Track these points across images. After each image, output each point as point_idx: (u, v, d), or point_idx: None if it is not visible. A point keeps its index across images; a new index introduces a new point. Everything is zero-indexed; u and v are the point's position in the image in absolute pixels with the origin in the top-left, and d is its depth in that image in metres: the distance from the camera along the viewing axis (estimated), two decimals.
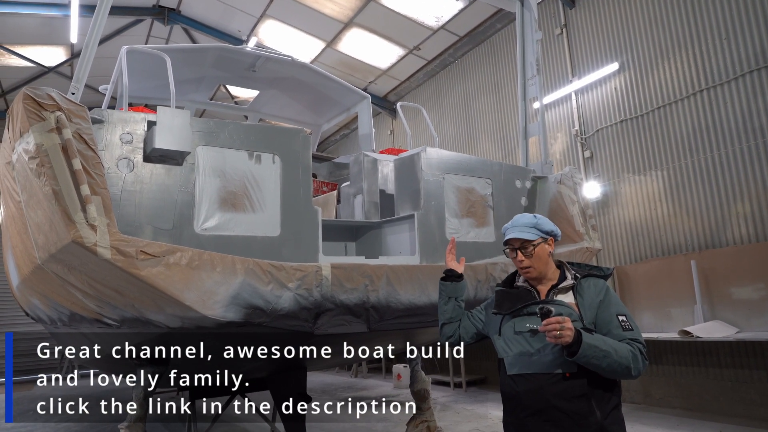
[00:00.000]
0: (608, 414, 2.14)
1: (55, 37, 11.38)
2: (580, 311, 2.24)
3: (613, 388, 2.17)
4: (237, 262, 3.04)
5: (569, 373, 2.14)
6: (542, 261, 2.38)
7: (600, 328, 2.19)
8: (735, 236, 6.41)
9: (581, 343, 2.00)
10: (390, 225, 4.54)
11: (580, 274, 2.37)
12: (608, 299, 2.25)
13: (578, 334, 2.01)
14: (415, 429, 5.23)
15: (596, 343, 2.03)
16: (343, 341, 3.84)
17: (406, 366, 9.80)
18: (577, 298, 2.28)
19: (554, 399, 2.14)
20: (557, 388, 2.15)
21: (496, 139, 10.29)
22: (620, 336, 2.14)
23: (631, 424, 6.19)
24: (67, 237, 2.56)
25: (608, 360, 2.03)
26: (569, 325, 2.00)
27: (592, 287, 2.30)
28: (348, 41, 11.58)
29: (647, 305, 7.17)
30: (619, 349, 2.06)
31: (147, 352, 4.01)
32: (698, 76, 6.89)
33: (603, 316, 2.21)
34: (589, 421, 2.10)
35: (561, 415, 2.13)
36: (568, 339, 1.99)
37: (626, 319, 2.19)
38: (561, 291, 2.34)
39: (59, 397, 8.19)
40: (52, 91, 2.83)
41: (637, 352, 2.10)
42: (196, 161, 3.32)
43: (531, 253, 2.37)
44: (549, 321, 2.02)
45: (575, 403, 2.12)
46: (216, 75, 5.88)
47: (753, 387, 6.07)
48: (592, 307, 2.24)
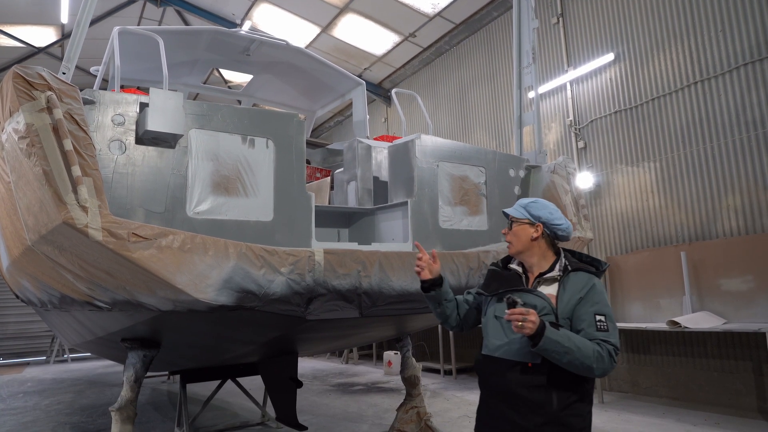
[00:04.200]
0: (568, 406, 2.18)
1: (46, 16, 11.20)
2: (557, 304, 2.26)
3: (577, 383, 2.20)
4: (230, 246, 3.02)
5: (532, 363, 2.20)
6: (521, 241, 2.43)
7: (575, 324, 2.22)
8: (725, 229, 6.47)
9: (543, 336, 2.04)
10: (383, 212, 4.54)
11: (572, 266, 2.37)
12: (590, 296, 2.25)
13: (542, 328, 2.04)
14: (405, 415, 5.27)
15: (559, 339, 2.06)
16: (335, 326, 3.85)
17: (397, 353, 9.87)
18: (560, 290, 2.30)
19: (515, 386, 2.22)
20: (519, 377, 2.22)
21: (491, 128, 10.28)
22: (592, 335, 2.16)
23: (619, 412, 6.27)
24: (57, 218, 2.53)
25: (569, 357, 2.06)
26: (532, 317, 2.03)
27: (576, 282, 2.30)
28: (343, 27, 11.48)
29: (637, 295, 7.25)
30: (583, 348, 2.08)
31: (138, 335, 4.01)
32: (693, 67, 6.91)
33: (579, 313, 2.23)
34: (545, 410, 2.16)
35: (519, 401, 2.21)
36: (529, 331, 2.03)
37: (604, 320, 2.19)
38: (546, 281, 2.37)
39: (50, 380, 8.19)
40: (43, 71, 2.78)
41: (605, 354, 2.11)
42: (188, 144, 3.29)
43: (512, 229, 2.47)
44: (513, 311, 2.06)
45: (534, 393, 2.18)
46: (209, 58, 5.82)
47: (739, 377, 6.16)
48: (571, 302, 2.25)
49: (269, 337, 3.89)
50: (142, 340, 4.03)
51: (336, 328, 3.97)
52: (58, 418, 7.08)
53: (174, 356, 4.65)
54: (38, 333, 14.73)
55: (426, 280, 2.57)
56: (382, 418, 6.36)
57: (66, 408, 7.80)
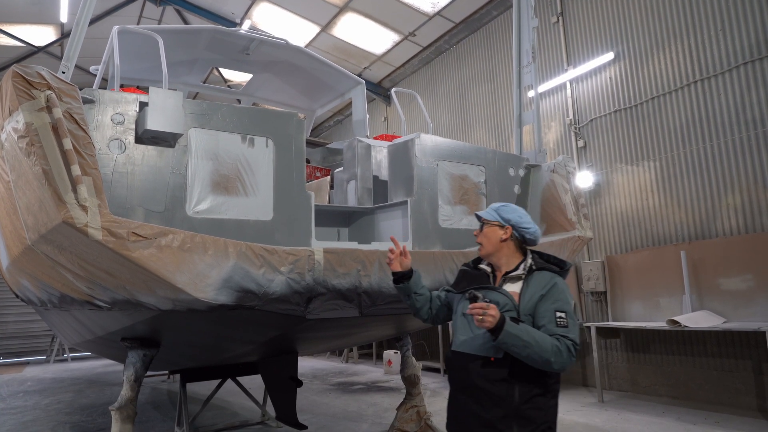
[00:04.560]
0: (529, 399, 2.28)
1: (45, 15, 11.19)
2: (520, 301, 2.38)
3: (539, 377, 2.29)
4: (229, 245, 3.02)
5: (494, 358, 2.32)
6: (491, 242, 2.58)
7: (537, 320, 2.32)
8: (725, 228, 6.47)
9: (503, 330, 2.14)
10: (383, 211, 4.54)
11: (536, 266, 2.49)
12: (551, 294, 2.36)
13: (502, 322, 2.15)
14: (405, 414, 5.27)
15: (518, 333, 2.16)
16: (335, 325, 3.85)
17: (397, 352, 9.87)
18: (523, 287, 2.43)
19: (478, 379, 2.34)
20: (482, 370, 2.34)
21: (490, 127, 10.28)
22: (552, 331, 2.26)
23: (618, 411, 6.28)
24: (57, 217, 2.53)
25: (528, 350, 2.16)
26: (492, 312, 2.14)
27: (539, 280, 2.43)
28: (343, 26, 11.47)
29: (637, 294, 7.25)
30: (542, 342, 2.18)
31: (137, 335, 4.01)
32: (693, 67, 6.90)
33: (541, 309, 2.34)
34: (506, 403, 2.27)
35: (482, 394, 2.32)
36: (489, 324, 2.14)
37: (564, 317, 2.30)
38: (511, 279, 2.50)
39: (49, 379, 8.18)
40: (42, 70, 2.78)
41: (564, 348, 2.21)
42: (188, 143, 3.28)
43: (483, 230, 2.61)
44: (473, 306, 2.17)
45: (496, 386, 2.29)
46: (209, 57, 5.82)
47: (738, 376, 6.17)
48: (533, 299, 2.37)
49: (269, 337, 3.89)
50: (142, 339, 4.03)
51: (336, 327, 3.97)
52: (58, 418, 7.08)
53: (174, 355, 4.65)
54: (38, 332, 14.73)
55: (396, 272, 2.75)
56: (382, 417, 6.37)
57: (66, 407, 7.80)
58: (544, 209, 4.92)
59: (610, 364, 7.61)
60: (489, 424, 2.28)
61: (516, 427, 2.25)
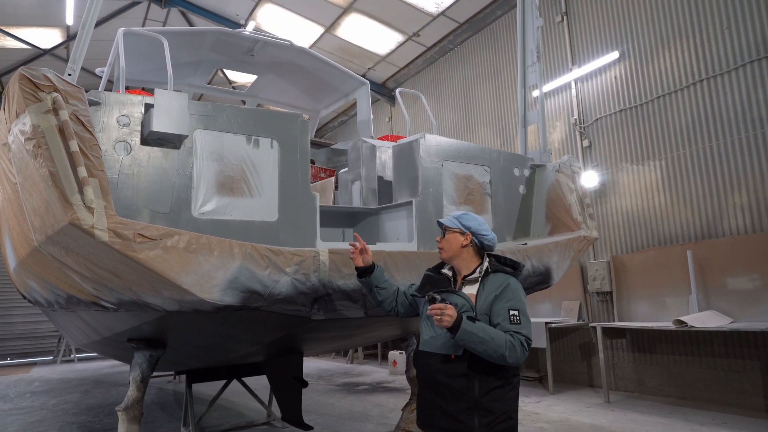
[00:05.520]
0: (488, 392, 2.45)
1: (51, 18, 11.26)
2: (476, 302, 2.57)
3: (497, 370, 2.47)
4: (234, 246, 3.02)
5: (454, 355, 2.50)
6: (452, 247, 2.76)
7: (492, 319, 2.50)
8: (731, 227, 6.43)
9: (460, 328, 2.31)
10: (388, 211, 4.54)
11: (492, 268, 2.68)
12: (504, 294, 2.54)
13: (459, 321, 2.33)
14: (411, 415, 5.27)
15: (474, 330, 2.33)
16: (340, 326, 3.85)
17: (402, 352, 9.86)
18: (479, 289, 2.62)
19: (440, 375, 2.52)
20: (443, 367, 2.52)
21: (495, 127, 10.26)
22: (506, 328, 2.43)
23: (625, 412, 6.25)
24: (64, 219, 2.54)
25: (484, 346, 2.33)
26: (450, 312, 2.32)
27: (494, 282, 2.62)
28: (347, 27, 11.49)
29: (643, 294, 7.22)
30: (496, 338, 2.35)
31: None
32: (698, 65, 6.87)
33: (495, 308, 2.51)
34: (467, 396, 2.44)
35: (444, 389, 2.50)
36: (447, 323, 2.32)
37: (517, 314, 2.48)
38: (469, 282, 2.70)
39: (56, 380, 8.22)
40: (49, 72, 2.79)
41: (517, 343, 2.38)
42: (193, 145, 3.30)
43: (445, 236, 2.79)
44: (432, 307, 2.36)
45: (457, 381, 2.47)
46: (214, 59, 5.83)
47: (746, 376, 6.13)
48: (488, 299, 2.55)
49: (274, 337, 3.90)
50: (148, 340, 4.05)
51: (341, 327, 3.98)
52: (65, 418, 7.11)
53: (180, 356, 4.66)
54: (45, 333, 14.81)
55: (358, 267, 3.00)
56: (387, 418, 6.36)
57: (73, 408, 7.84)
58: (549, 209, 4.91)
59: (617, 364, 7.58)
60: (452, 416, 2.46)
61: (477, 418, 2.42)
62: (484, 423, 2.42)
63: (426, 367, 2.61)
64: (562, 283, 8.00)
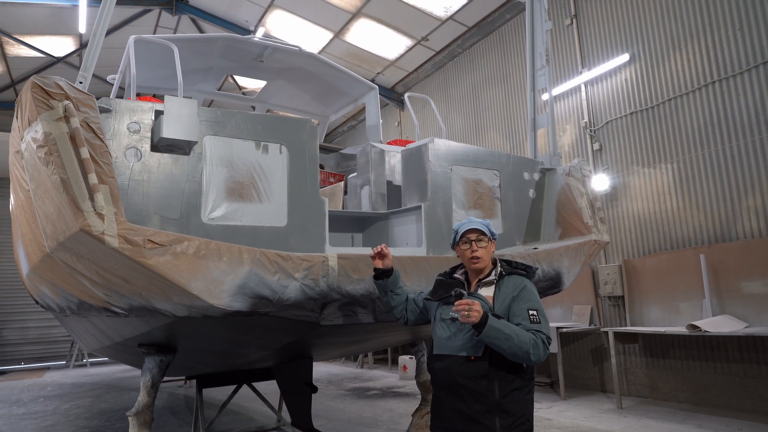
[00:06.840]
0: (508, 394, 2.45)
1: (64, 27, 11.41)
2: (494, 303, 2.60)
3: (516, 372, 2.48)
4: (244, 251, 3.03)
5: (474, 356, 2.50)
6: (488, 256, 2.79)
7: (511, 319, 2.51)
8: (745, 230, 6.35)
9: (486, 324, 2.32)
10: (397, 216, 4.53)
11: (505, 272, 2.72)
12: (522, 295, 2.58)
13: (485, 317, 2.34)
14: (421, 420, 5.24)
15: (500, 327, 2.35)
16: (350, 331, 3.85)
17: (412, 357, 9.83)
18: (496, 291, 2.65)
19: (459, 377, 2.51)
20: (462, 369, 2.52)
21: (505, 131, 10.23)
22: (527, 327, 2.45)
23: (638, 417, 6.18)
24: (75, 225, 2.57)
25: (509, 343, 2.34)
26: (477, 307, 2.33)
27: (510, 284, 2.65)
28: (356, 32, 11.52)
29: (655, 299, 7.14)
30: (521, 335, 2.37)
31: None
32: (710, 67, 6.80)
33: (514, 309, 2.54)
34: (487, 398, 2.44)
35: (464, 391, 2.49)
36: (474, 319, 2.32)
37: (536, 314, 2.51)
38: (485, 284, 2.72)
39: (69, 384, 8.28)
40: (60, 80, 2.83)
41: (539, 341, 2.40)
42: (203, 151, 3.31)
43: (484, 246, 2.77)
44: (460, 302, 2.36)
45: (476, 382, 2.46)
46: (224, 65, 5.87)
47: (761, 382, 6.03)
48: (506, 300, 2.58)
49: (284, 342, 3.90)
50: (159, 345, 4.07)
51: (350, 333, 3.97)
52: (77, 423, 7.16)
53: (190, 361, 4.68)
54: (58, 338, 14.95)
55: (377, 268, 3.03)
56: (398, 424, 6.34)
57: (85, 412, 7.89)
58: (559, 213, 4.88)
59: (629, 369, 7.49)
60: (472, 419, 2.44)
61: (498, 420, 2.41)
62: (505, 425, 2.41)
63: (443, 369, 2.59)
64: (574, 288, 7.94)
